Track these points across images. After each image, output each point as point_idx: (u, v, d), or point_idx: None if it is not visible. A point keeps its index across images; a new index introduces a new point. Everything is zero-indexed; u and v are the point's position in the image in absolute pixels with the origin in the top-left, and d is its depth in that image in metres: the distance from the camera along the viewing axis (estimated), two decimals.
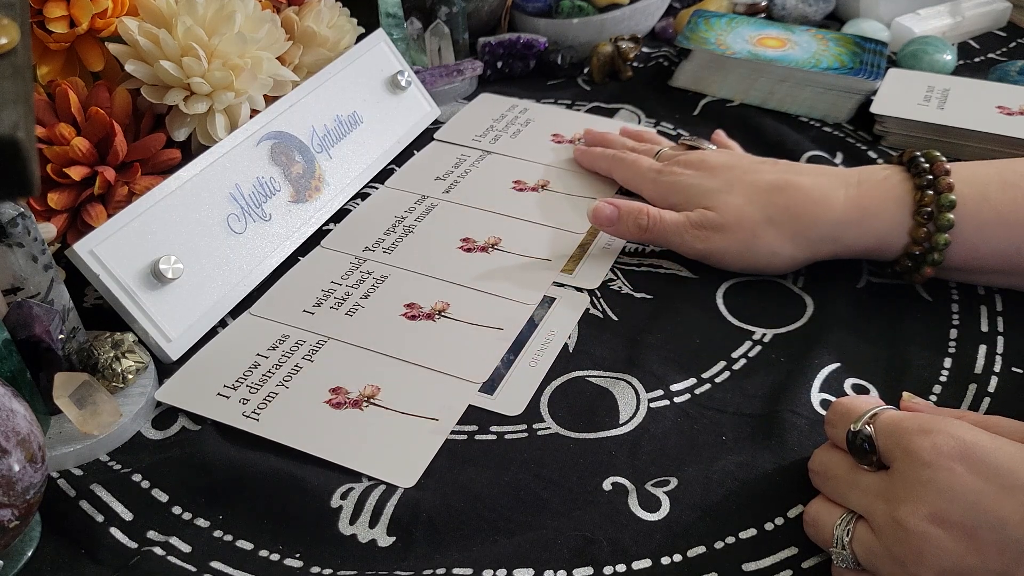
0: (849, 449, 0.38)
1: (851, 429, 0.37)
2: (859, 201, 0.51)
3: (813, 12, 0.85)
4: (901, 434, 0.36)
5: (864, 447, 0.37)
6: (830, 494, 0.39)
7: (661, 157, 0.61)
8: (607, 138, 0.66)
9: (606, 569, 0.39)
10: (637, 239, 0.57)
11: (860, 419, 0.38)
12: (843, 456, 0.39)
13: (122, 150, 0.52)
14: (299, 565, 0.40)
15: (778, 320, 0.52)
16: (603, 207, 0.56)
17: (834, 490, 0.39)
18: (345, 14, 0.68)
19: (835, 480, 0.39)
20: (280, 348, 0.50)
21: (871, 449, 0.37)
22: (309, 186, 0.60)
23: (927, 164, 0.50)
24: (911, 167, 0.51)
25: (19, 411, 0.36)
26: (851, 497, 0.37)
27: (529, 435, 0.46)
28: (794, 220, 0.52)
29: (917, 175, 0.50)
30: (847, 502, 0.37)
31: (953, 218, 0.48)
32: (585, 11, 0.80)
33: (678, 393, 0.48)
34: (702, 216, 0.54)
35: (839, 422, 0.39)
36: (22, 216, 0.42)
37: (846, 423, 0.38)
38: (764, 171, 0.54)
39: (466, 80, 0.75)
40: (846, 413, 0.39)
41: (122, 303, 0.48)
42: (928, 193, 0.49)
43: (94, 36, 0.55)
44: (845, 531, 0.37)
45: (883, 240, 0.51)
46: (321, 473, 0.43)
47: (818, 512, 0.39)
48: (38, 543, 0.41)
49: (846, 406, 0.39)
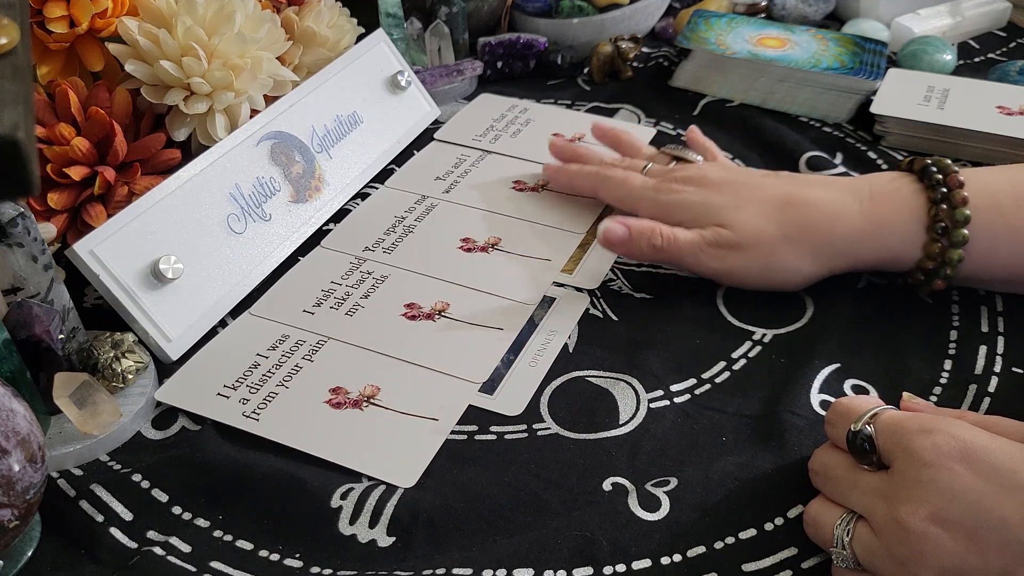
0: (849, 449, 0.38)
1: (851, 429, 0.37)
2: (873, 215, 0.50)
3: (813, 12, 0.85)
4: (901, 434, 0.36)
5: (864, 447, 0.37)
6: (830, 494, 0.39)
7: (651, 173, 0.57)
8: (579, 152, 0.62)
9: (606, 569, 0.39)
10: (650, 259, 0.55)
11: (860, 419, 0.38)
12: (843, 456, 0.39)
13: (122, 150, 0.52)
14: (299, 565, 0.40)
15: (778, 321, 0.52)
16: (614, 228, 0.53)
17: (834, 490, 0.39)
18: (345, 14, 0.68)
19: (835, 480, 0.39)
20: (280, 348, 0.50)
21: (871, 449, 0.37)
22: (309, 186, 0.60)
23: (940, 175, 0.49)
24: (923, 177, 0.50)
25: (19, 411, 0.36)
26: (851, 497, 0.37)
27: (529, 435, 0.46)
28: (811, 236, 0.50)
29: (930, 187, 0.49)
30: (847, 502, 0.37)
31: (967, 233, 0.48)
32: (585, 11, 0.80)
33: (678, 393, 0.48)
34: (716, 234, 0.52)
35: (839, 422, 0.39)
36: (22, 216, 0.42)
37: (846, 423, 0.38)
38: (769, 185, 0.53)
39: (466, 80, 0.75)
40: (846, 413, 0.39)
41: (122, 303, 0.48)
42: (942, 208, 0.48)
43: (94, 36, 0.55)
44: (845, 531, 0.36)
45: (896, 254, 0.50)
46: (321, 473, 0.43)
47: (818, 512, 0.39)
48: (38, 543, 0.41)
49: (846, 406, 0.39)
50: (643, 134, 0.70)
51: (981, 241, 0.48)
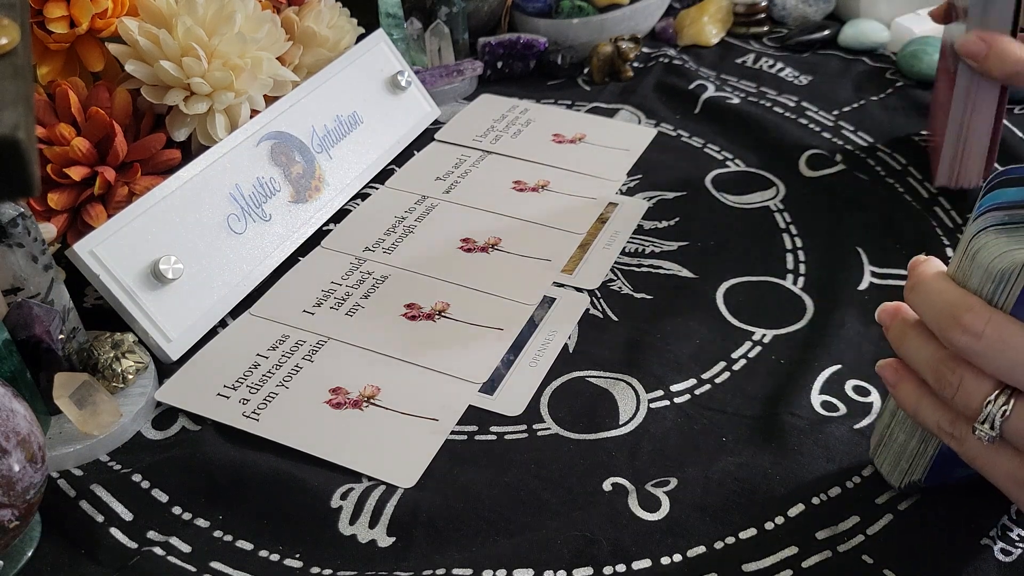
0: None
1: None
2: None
3: (813, 12, 0.85)
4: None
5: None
6: (977, 360, 0.32)
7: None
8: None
9: (606, 569, 0.39)
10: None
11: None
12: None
13: (122, 150, 0.52)
14: (299, 565, 0.40)
15: (778, 321, 0.52)
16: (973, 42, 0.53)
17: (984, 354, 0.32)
18: (345, 14, 0.68)
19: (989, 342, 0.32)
20: (280, 348, 0.50)
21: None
22: (309, 186, 0.60)
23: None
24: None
25: (19, 411, 0.36)
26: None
27: (529, 435, 0.45)
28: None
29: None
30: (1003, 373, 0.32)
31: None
32: (585, 11, 0.80)
33: (678, 393, 0.48)
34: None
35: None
36: (22, 216, 0.42)
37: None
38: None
39: (466, 80, 0.75)
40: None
41: (122, 303, 0.48)
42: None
43: (94, 36, 0.55)
44: (1001, 411, 0.32)
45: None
46: (321, 473, 0.43)
47: (964, 382, 0.33)
48: (38, 543, 0.41)
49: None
50: (643, 134, 0.70)
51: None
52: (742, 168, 0.66)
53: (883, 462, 0.41)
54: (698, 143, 0.69)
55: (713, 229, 0.60)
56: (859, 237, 0.58)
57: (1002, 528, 0.40)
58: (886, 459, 0.41)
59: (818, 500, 0.41)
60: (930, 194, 0.62)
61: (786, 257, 0.57)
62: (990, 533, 0.39)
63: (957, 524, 0.40)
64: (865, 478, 0.42)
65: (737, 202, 0.62)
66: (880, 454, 0.42)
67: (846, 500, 0.41)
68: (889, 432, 0.40)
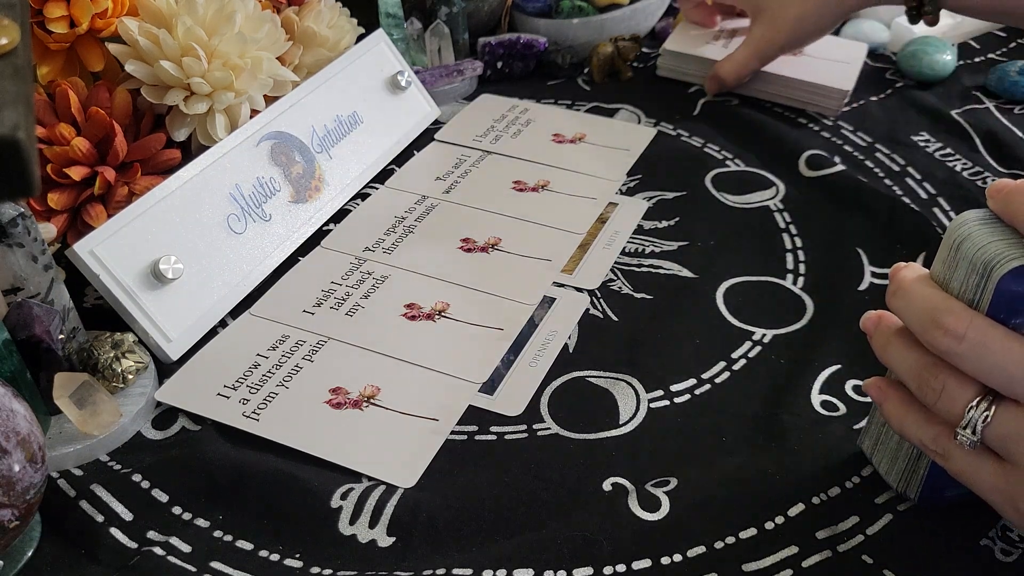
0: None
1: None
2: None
3: None
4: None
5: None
6: (961, 363, 0.33)
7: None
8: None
9: (606, 569, 0.39)
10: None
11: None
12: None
13: (122, 150, 0.52)
14: (299, 565, 0.40)
15: (778, 321, 0.52)
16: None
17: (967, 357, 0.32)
18: (345, 14, 0.68)
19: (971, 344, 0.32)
20: (280, 348, 0.50)
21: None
22: (309, 186, 0.60)
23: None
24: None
25: (19, 411, 0.36)
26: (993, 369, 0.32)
27: (529, 435, 0.46)
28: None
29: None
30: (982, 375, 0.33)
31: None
32: (585, 11, 0.80)
33: (678, 393, 0.48)
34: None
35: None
36: (22, 216, 0.42)
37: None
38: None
39: (466, 80, 0.75)
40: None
41: (122, 303, 0.48)
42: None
43: (94, 36, 0.54)
44: (983, 416, 0.33)
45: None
46: (321, 473, 0.43)
47: (946, 386, 0.33)
48: (38, 543, 0.41)
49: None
50: (643, 134, 0.70)
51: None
52: (742, 168, 0.66)
53: (881, 461, 0.41)
54: (698, 143, 0.69)
55: (713, 229, 0.60)
56: (859, 237, 0.58)
57: (1002, 528, 0.40)
58: (884, 458, 0.41)
59: (818, 500, 0.41)
60: (930, 194, 0.62)
61: (786, 257, 0.57)
62: (990, 533, 0.39)
63: (957, 524, 0.40)
64: (865, 478, 0.42)
65: (737, 202, 0.63)
66: (877, 453, 0.42)
67: (846, 500, 0.41)
68: (885, 430, 0.41)
